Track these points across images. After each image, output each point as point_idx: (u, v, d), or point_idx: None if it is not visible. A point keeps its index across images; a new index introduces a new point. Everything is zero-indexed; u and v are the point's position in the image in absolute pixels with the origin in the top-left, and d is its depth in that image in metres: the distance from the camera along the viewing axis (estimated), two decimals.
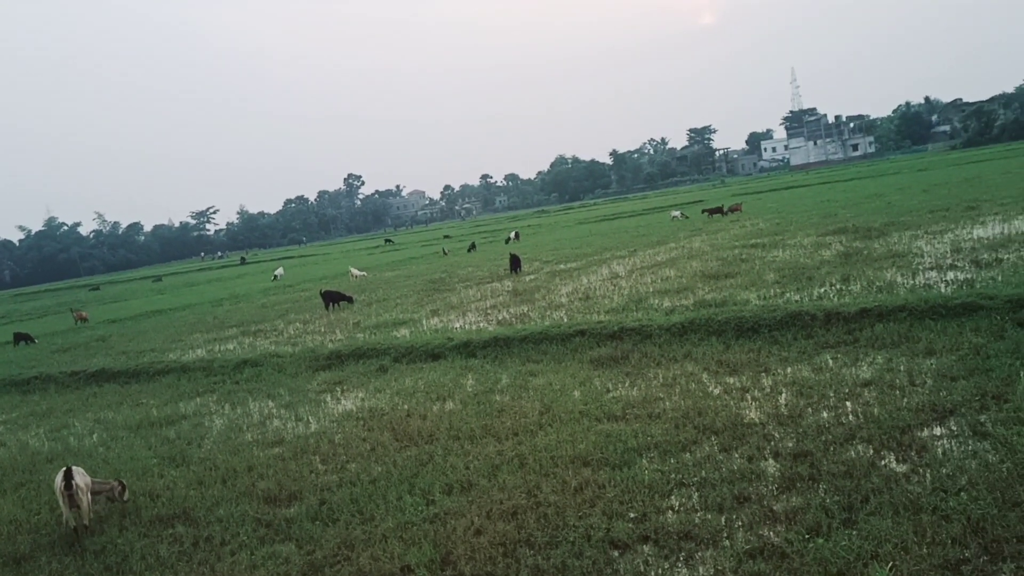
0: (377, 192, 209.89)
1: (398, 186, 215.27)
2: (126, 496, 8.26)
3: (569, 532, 6.19)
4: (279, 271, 43.12)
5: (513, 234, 44.78)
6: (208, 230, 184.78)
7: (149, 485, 8.84)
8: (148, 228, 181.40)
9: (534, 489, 7.08)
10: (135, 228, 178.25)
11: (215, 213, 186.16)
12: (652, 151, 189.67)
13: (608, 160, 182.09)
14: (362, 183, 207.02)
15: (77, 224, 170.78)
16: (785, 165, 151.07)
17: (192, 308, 31.26)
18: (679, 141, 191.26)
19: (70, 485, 7.44)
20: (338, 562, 6.35)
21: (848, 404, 8.09)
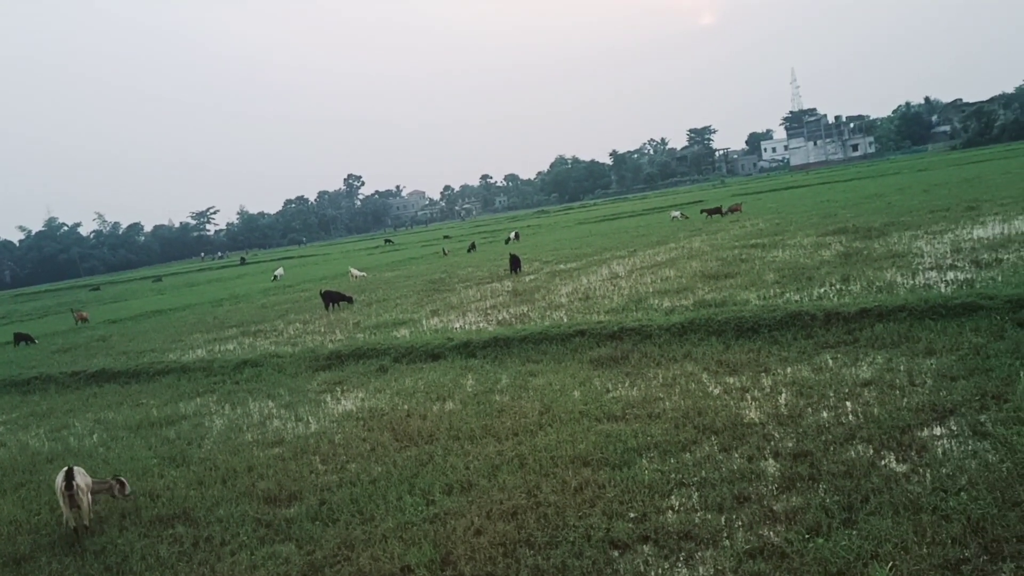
0: (377, 192, 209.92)
1: (398, 186, 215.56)
2: (127, 491, 8.26)
3: (569, 532, 6.19)
4: (279, 271, 43.12)
5: (513, 234, 44.79)
6: (208, 230, 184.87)
7: (149, 485, 8.84)
8: (148, 228, 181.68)
9: (534, 489, 7.08)
10: (135, 228, 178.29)
11: (215, 213, 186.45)
12: (652, 151, 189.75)
13: (608, 160, 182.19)
14: (362, 183, 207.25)
15: (77, 224, 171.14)
16: (785, 165, 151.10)
17: (192, 308, 31.26)
18: (679, 141, 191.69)
19: (71, 485, 7.44)
20: (338, 562, 6.35)
21: (848, 404, 8.09)
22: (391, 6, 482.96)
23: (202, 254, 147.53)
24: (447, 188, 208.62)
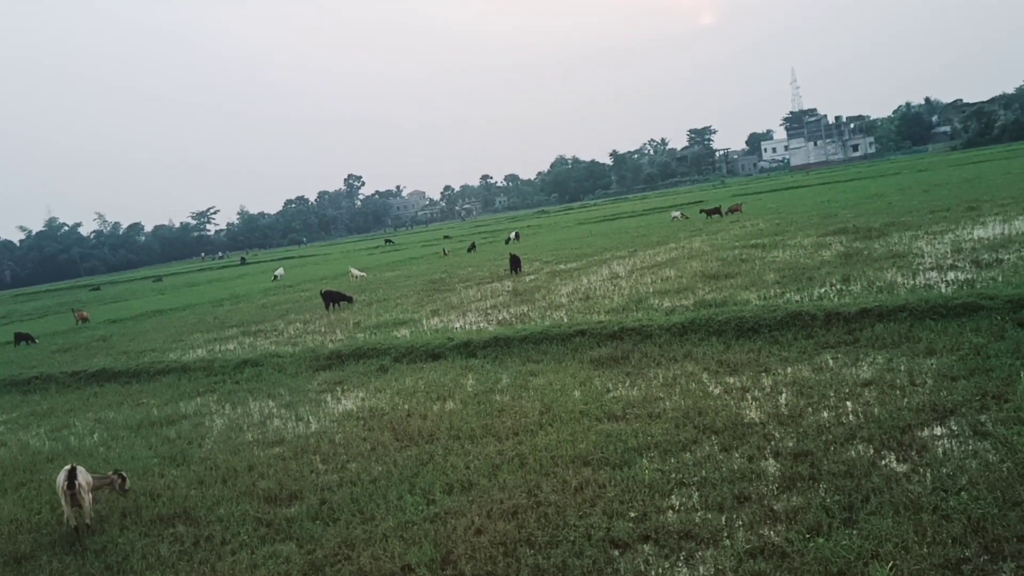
0: (377, 192, 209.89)
1: (398, 186, 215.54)
2: (127, 486, 8.28)
3: (569, 531, 6.19)
4: (279, 271, 43.13)
5: (513, 234, 44.80)
6: (208, 230, 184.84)
7: (150, 484, 8.85)
8: (149, 228, 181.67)
9: (534, 489, 7.08)
10: (136, 228, 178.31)
11: (215, 213, 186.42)
12: (652, 152, 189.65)
13: (608, 160, 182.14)
14: (362, 183, 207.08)
15: (78, 224, 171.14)
16: (785, 166, 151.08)
17: (192, 308, 31.27)
18: (679, 142, 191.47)
19: (73, 484, 7.45)
20: (339, 561, 6.36)
21: (848, 404, 8.09)
22: (391, 6, 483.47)
23: (202, 254, 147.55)
24: (447, 188, 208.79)
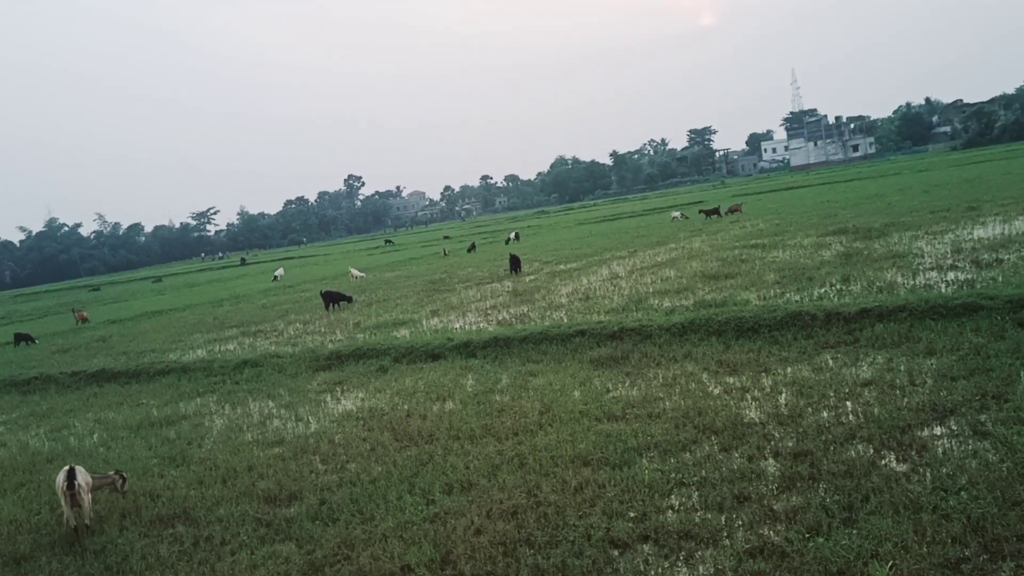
0: (377, 193, 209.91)
1: (398, 187, 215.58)
2: (125, 488, 8.28)
3: (569, 531, 6.19)
4: (279, 272, 43.12)
5: (513, 235, 44.80)
6: (208, 231, 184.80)
7: (149, 485, 8.84)
8: (149, 229, 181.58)
9: (534, 489, 7.08)
10: (136, 229, 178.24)
11: (215, 214, 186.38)
12: (652, 152, 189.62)
13: (608, 161, 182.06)
14: (362, 184, 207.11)
15: (78, 225, 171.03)
16: (785, 166, 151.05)
17: (192, 309, 31.27)
18: (679, 142, 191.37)
19: (72, 484, 7.45)
20: (338, 561, 6.35)
21: (848, 404, 8.09)
22: (391, 6, 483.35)
23: (202, 254, 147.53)
24: (447, 188, 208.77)
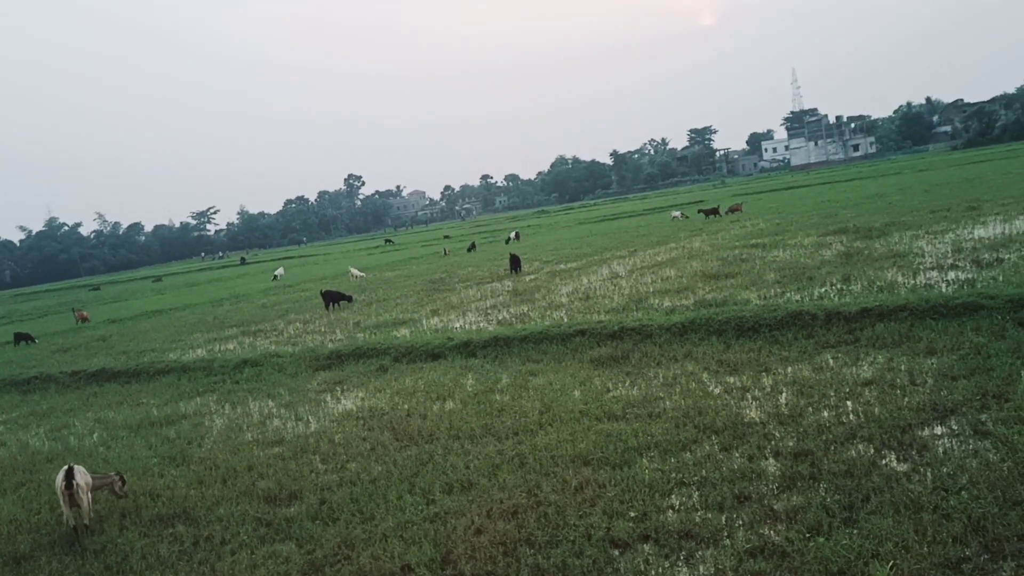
0: (377, 192, 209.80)
1: (398, 186, 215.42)
2: (125, 489, 8.25)
3: (569, 531, 6.18)
4: (279, 271, 43.12)
5: (513, 234, 44.80)
6: (208, 230, 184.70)
7: (149, 484, 8.84)
8: (149, 228, 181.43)
9: (534, 488, 7.07)
10: (136, 228, 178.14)
11: (215, 213, 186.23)
12: (652, 151, 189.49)
13: (608, 160, 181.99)
14: (362, 183, 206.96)
15: (78, 224, 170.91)
16: (786, 165, 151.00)
17: (192, 308, 31.26)
18: (679, 141, 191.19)
19: (71, 484, 7.44)
20: (338, 561, 6.35)
21: (849, 403, 8.09)
22: (391, 6, 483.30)
23: (202, 254, 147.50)
24: (447, 188, 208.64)
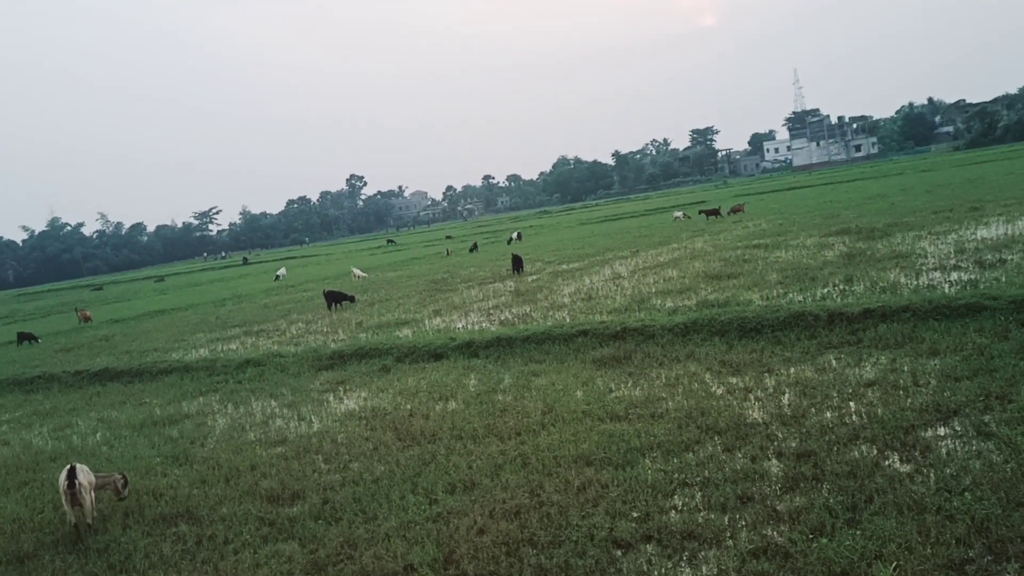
0: (379, 193, 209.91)
1: (400, 187, 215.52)
2: (126, 491, 8.24)
3: (572, 531, 6.18)
4: (282, 271, 43.17)
5: (515, 234, 44.81)
6: (211, 230, 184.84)
7: (152, 484, 8.85)
8: (151, 228, 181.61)
9: (537, 489, 7.08)
10: (138, 228, 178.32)
11: (218, 214, 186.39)
12: (654, 152, 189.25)
13: (610, 161, 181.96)
14: (364, 184, 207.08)
15: (80, 224, 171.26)
16: (788, 166, 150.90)
17: (195, 308, 31.30)
18: (681, 142, 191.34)
19: (73, 483, 7.44)
20: (341, 561, 6.35)
21: (852, 404, 8.08)
22: (391, 6, 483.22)
23: (205, 254, 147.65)
24: (449, 188, 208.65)
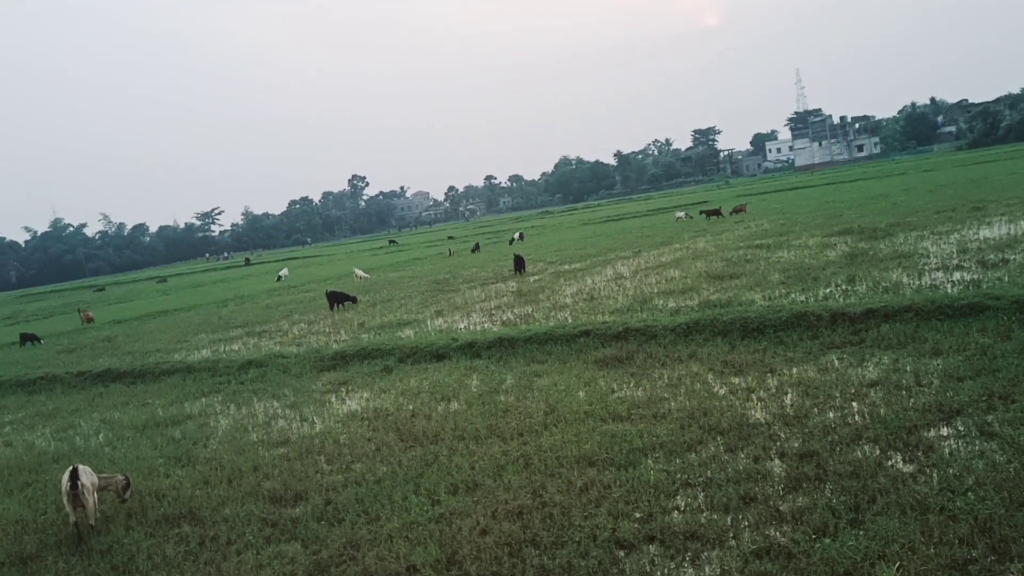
0: (381, 193, 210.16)
1: (402, 187, 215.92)
2: (128, 494, 8.23)
3: (575, 532, 6.18)
4: (284, 272, 43.24)
5: (517, 235, 44.80)
6: (213, 231, 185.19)
7: (155, 485, 8.86)
8: (153, 229, 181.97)
9: (539, 489, 7.07)
10: (140, 229, 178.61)
11: (220, 214, 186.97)
12: (656, 152, 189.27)
13: (612, 161, 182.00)
14: (366, 184, 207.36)
15: (83, 225, 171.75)
16: (790, 166, 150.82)
17: (197, 309, 31.33)
18: (683, 142, 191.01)
19: (75, 485, 7.45)
20: (344, 562, 6.36)
21: (854, 404, 8.07)
22: (391, 6, 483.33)
23: (207, 255, 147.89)
24: (451, 189, 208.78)
